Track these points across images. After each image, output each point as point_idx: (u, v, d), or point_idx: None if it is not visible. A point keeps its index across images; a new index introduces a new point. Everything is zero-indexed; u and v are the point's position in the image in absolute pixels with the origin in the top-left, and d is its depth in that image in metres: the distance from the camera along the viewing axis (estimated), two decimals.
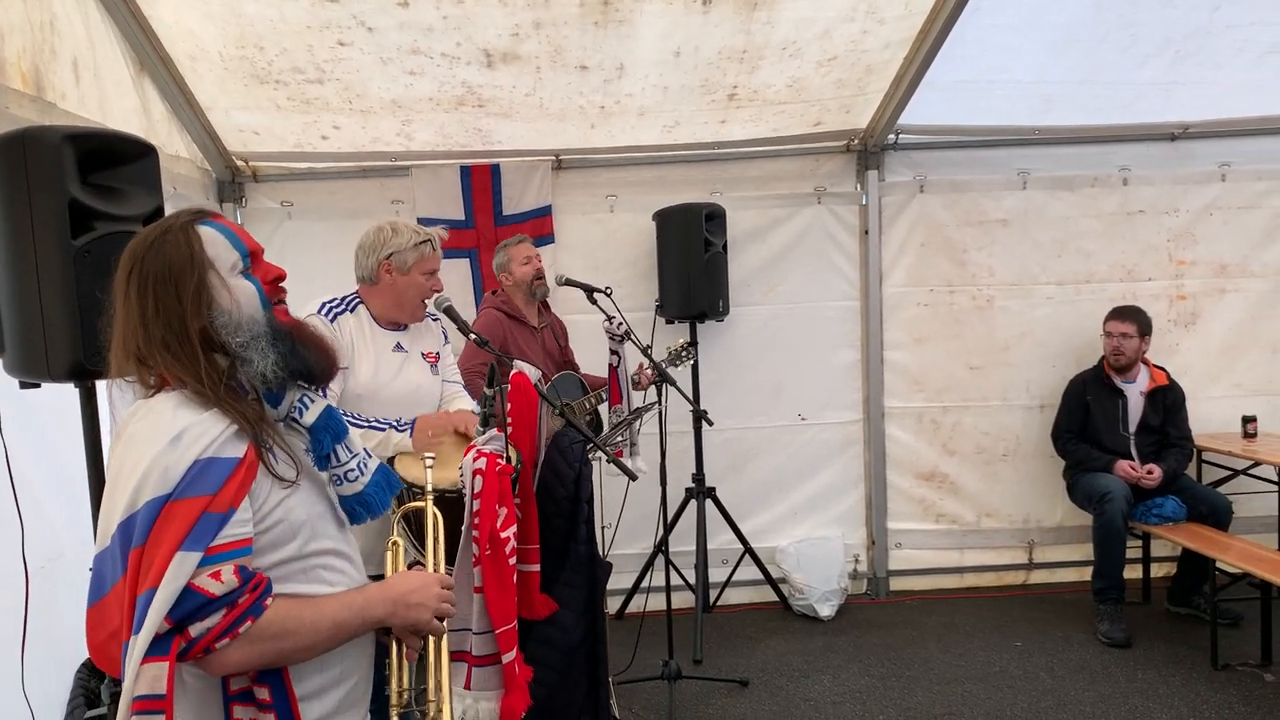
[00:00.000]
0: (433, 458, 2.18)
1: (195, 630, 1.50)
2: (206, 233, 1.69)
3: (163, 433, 1.56)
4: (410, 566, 1.95)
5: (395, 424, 3.05)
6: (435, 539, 2.04)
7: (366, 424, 3.02)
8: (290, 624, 1.59)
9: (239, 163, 5.15)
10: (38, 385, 2.40)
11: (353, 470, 1.80)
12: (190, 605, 1.49)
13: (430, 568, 1.98)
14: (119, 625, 1.54)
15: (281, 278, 1.77)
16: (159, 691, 1.45)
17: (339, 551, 1.77)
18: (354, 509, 1.81)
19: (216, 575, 1.51)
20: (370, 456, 1.87)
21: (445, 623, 2.40)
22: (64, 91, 3.43)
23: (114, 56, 3.92)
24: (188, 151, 4.75)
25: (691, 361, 4.68)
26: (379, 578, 1.90)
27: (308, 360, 1.72)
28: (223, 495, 1.54)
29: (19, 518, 2.46)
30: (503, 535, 2.41)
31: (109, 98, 3.85)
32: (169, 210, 2.59)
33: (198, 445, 1.55)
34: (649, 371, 4.33)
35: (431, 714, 1.89)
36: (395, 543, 2.00)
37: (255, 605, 1.55)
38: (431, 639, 1.90)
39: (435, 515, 2.06)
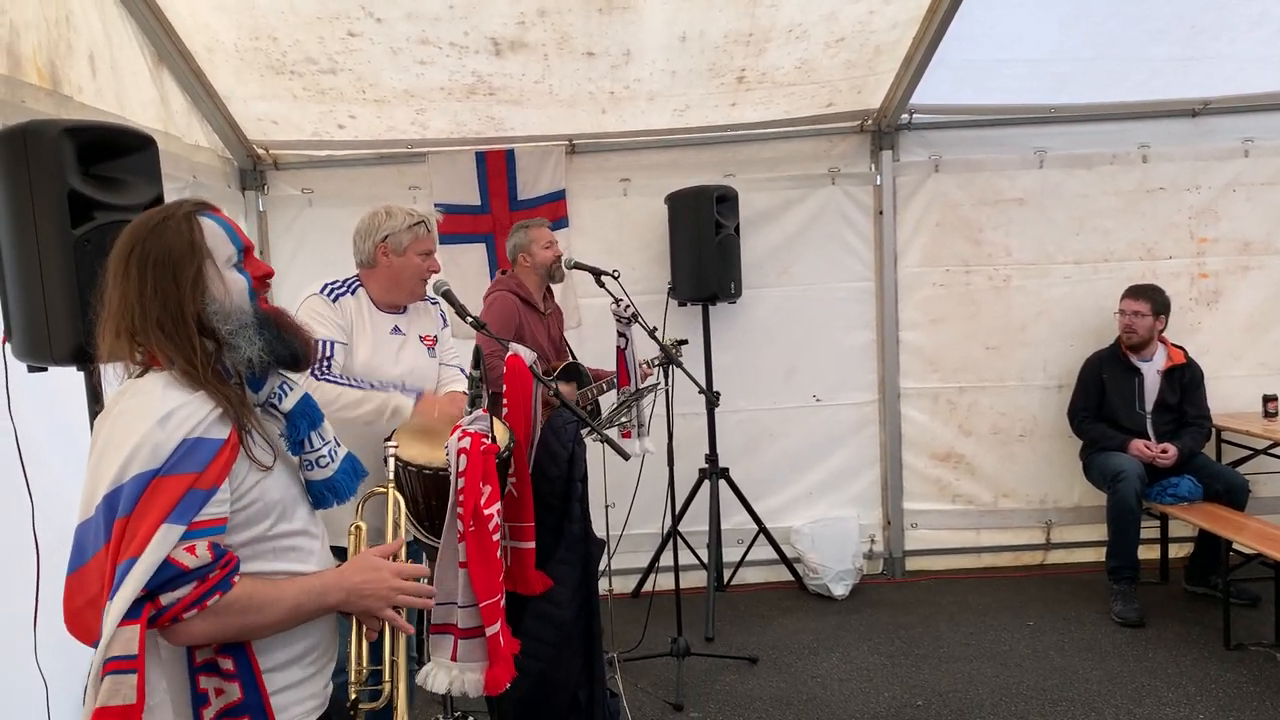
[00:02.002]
0: (395, 446, 2.26)
1: (166, 599, 1.59)
2: (207, 224, 1.76)
3: (153, 411, 1.63)
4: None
5: (401, 385, 3.13)
6: (397, 524, 2.10)
7: (369, 386, 3.10)
8: (255, 602, 1.68)
9: (260, 151, 5.27)
10: (44, 369, 2.52)
11: (324, 456, 1.88)
12: (165, 575, 1.57)
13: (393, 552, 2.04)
14: (98, 593, 1.62)
15: (269, 275, 1.84)
16: (131, 652, 1.53)
17: (308, 532, 1.85)
18: (322, 494, 1.89)
19: (191, 549, 1.60)
20: (339, 445, 1.94)
21: (434, 596, 2.49)
22: (80, 85, 3.55)
23: (131, 50, 4.04)
24: (208, 141, 4.87)
25: (680, 358, 4.65)
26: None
27: (292, 345, 1.81)
28: (208, 474, 1.63)
29: (29, 494, 2.57)
30: (486, 512, 2.47)
31: (126, 90, 3.97)
32: (173, 200, 2.71)
33: (187, 425, 1.63)
34: (644, 365, 4.35)
35: (386, 692, 1.96)
36: (358, 526, 2.07)
37: (224, 581, 1.64)
38: (386, 631, 1.96)
39: (398, 500, 2.13)
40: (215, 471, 1.64)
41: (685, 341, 4.65)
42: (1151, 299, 5.13)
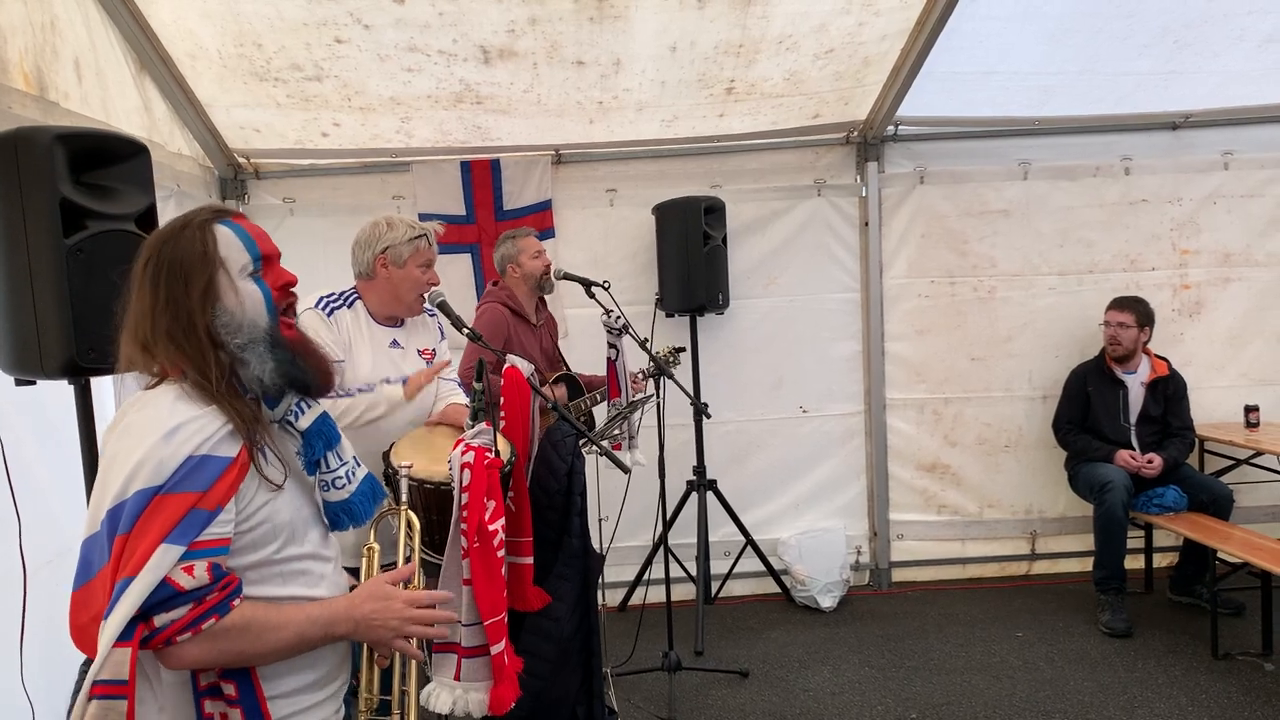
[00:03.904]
0: (409, 467, 2.21)
1: (159, 620, 1.52)
2: (222, 232, 1.71)
3: (160, 425, 1.58)
4: (384, 568, 1.95)
5: (386, 380, 3.11)
6: (413, 549, 2.04)
7: (357, 391, 3.06)
8: (254, 628, 1.61)
9: (241, 160, 5.20)
10: (33, 382, 2.44)
11: (340, 478, 1.82)
12: (160, 596, 1.51)
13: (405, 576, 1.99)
14: (102, 608, 1.56)
15: (291, 283, 1.78)
16: (121, 677, 1.47)
17: (320, 555, 1.79)
18: (338, 516, 1.83)
19: (189, 570, 1.54)
20: (359, 465, 1.89)
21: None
22: (67, 91, 3.47)
23: (115, 56, 3.96)
24: (190, 149, 4.79)
25: (677, 366, 4.71)
26: (389, 566, 1.92)
27: (305, 372, 1.74)
28: (213, 493, 1.57)
29: (16, 513, 2.50)
30: (491, 528, 2.42)
31: (111, 97, 3.89)
32: (161, 209, 2.65)
33: (193, 441, 1.58)
34: (636, 377, 4.32)
35: None
36: (371, 548, 2.01)
37: (222, 604, 1.58)
38: (397, 660, 1.90)
39: (413, 522, 2.08)
40: (220, 491, 1.58)
41: (683, 349, 4.64)
42: (1136, 310, 5.16)
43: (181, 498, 1.54)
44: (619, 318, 4.15)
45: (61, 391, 2.54)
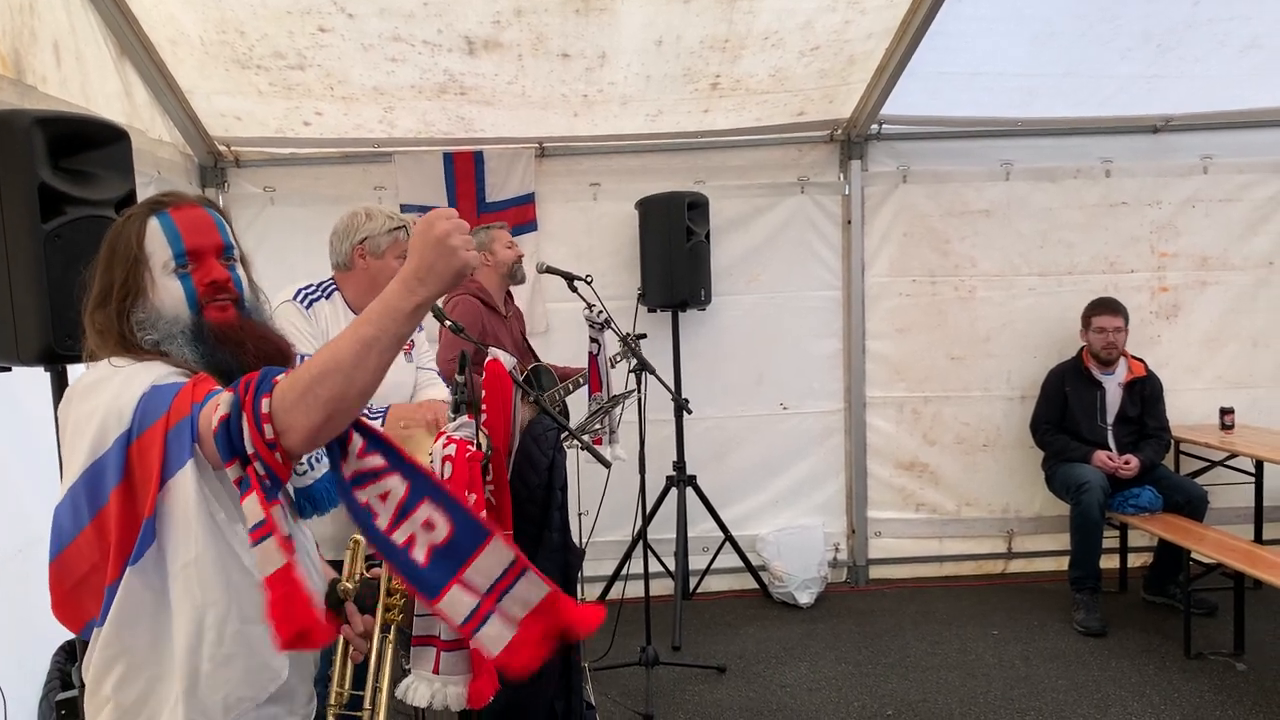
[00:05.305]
0: None
1: (248, 448, 1.44)
2: (151, 226, 1.67)
3: (110, 376, 1.57)
4: (370, 569, 1.92)
5: (368, 411, 3.06)
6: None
7: None
8: (313, 367, 1.46)
9: (221, 148, 5.15)
10: (8, 369, 2.41)
11: (302, 464, 1.78)
12: (222, 440, 1.43)
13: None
14: (88, 570, 1.55)
15: (218, 281, 1.70)
16: (259, 518, 1.44)
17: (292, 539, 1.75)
18: (302, 504, 1.78)
19: (215, 407, 1.46)
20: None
21: (415, 609, 2.40)
22: (45, 75, 3.43)
23: (95, 40, 3.92)
24: (170, 136, 4.74)
25: (636, 349, 4.64)
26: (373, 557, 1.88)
27: (228, 360, 1.67)
28: (177, 406, 1.50)
29: None
30: None
31: (91, 81, 3.84)
32: (141, 195, 2.62)
33: (141, 379, 1.55)
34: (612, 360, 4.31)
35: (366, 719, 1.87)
36: (356, 540, 1.97)
37: (263, 382, 1.46)
38: (373, 655, 1.86)
39: None
40: (185, 400, 1.50)
41: (643, 336, 4.60)
42: (1124, 313, 5.20)
43: (151, 433, 1.49)
44: (601, 312, 4.14)
45: (35, 380, 2.51)
